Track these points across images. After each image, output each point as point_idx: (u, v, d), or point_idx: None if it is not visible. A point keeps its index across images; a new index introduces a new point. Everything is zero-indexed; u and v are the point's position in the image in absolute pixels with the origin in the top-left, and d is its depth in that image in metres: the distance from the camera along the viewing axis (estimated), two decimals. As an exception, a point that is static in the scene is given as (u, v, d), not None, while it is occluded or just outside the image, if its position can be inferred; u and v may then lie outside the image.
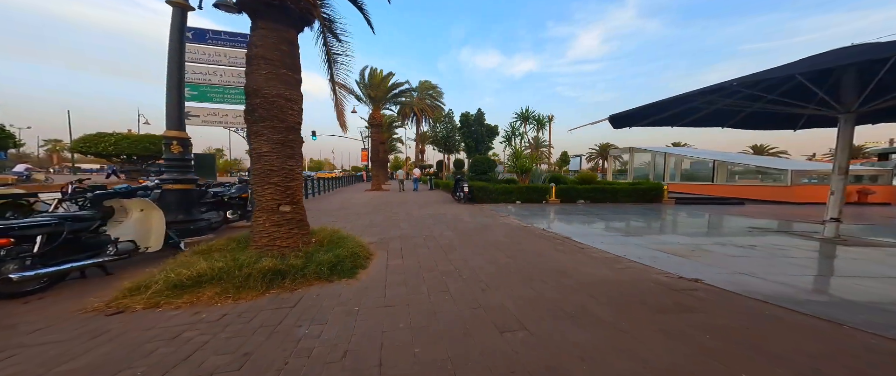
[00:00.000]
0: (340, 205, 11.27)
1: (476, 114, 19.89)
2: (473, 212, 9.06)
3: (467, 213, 8.88)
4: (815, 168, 12.03)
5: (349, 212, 9.30)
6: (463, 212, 9.07)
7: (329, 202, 12.25)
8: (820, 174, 11.52)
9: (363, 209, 9.94)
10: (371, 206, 10.71)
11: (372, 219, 7.71)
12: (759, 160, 13.41)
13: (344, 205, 11.28)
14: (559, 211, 9.52)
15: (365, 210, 9.71)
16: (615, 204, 11.10)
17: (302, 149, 3.92)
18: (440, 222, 7.37)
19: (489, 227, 6.64)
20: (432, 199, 13.47)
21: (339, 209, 9.92)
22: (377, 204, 11.62)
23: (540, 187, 11.51)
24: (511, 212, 9.21)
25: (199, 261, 3.03)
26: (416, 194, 16.65)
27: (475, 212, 9.26)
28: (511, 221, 7.46)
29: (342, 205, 10.98)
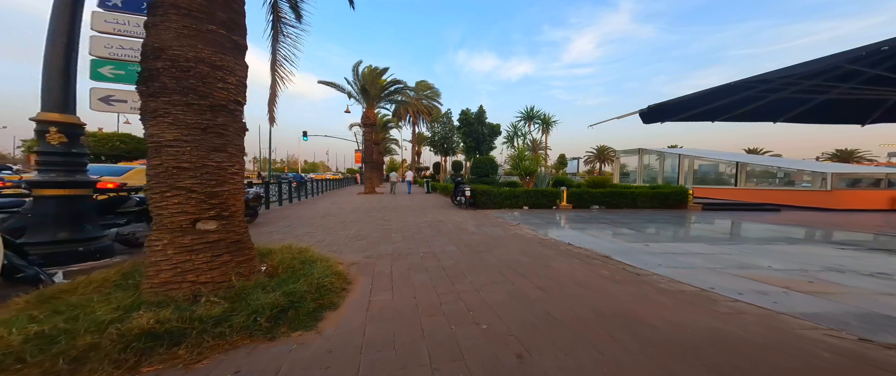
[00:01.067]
0: (326, 211, 10.01)
1: (477, 112, 18.73)
2: (478, 220, 7.88)
3: (471, 221, 7.69)
4: (858, 171, 11.04)
5: (334, 220, 8.06)
6: (465, 220, 7.88)
7: (314, 208, 10.99)
8: (866, 177, 10.54)
9: (351, 216, 8.71)
10: (361, 212, 9.48)
11: (359, 230, 6.49)
12: (789, 163, 12.51)
13: (330, 211, 10.03)
14: (575, 218, 8.37)
15: (353, 217, 8.48)
16: (634, 210, 9.99)
17: (242, 141, 2.71)
18: (440, 232, 6.17)
19: (500, 240, 5.45)
20: (430, 204, 12.27)
21: (322, 216, 8.68)
22: (368, 209, 10.39)
23: (549, 191, 10.39)
24: (520, 219, 8.05)
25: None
26: (412, 198, 15.44)
27: (479, 219, 8.08)
28: (524, 231, 6.28)
29: (328, 212, 9.72)
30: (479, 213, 9.28)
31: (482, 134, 18.00)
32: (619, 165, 21.76)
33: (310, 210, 10.09)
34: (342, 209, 10.41)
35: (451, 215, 8.88)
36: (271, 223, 7.34)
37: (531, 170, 14.75)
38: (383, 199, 14.56)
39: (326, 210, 10.11)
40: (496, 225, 7.13)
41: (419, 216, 8.70)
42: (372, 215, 8.84)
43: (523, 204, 10.46)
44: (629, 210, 9.98)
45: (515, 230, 6.44)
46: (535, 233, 6.03)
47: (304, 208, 10.61)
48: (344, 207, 10.97)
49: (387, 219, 8.17)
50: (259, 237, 5.45)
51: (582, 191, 10.25)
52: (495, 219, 8.13)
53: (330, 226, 6.83)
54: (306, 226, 6.92)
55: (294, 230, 6.36)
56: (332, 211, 9.88)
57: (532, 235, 5.87)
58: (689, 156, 15.35)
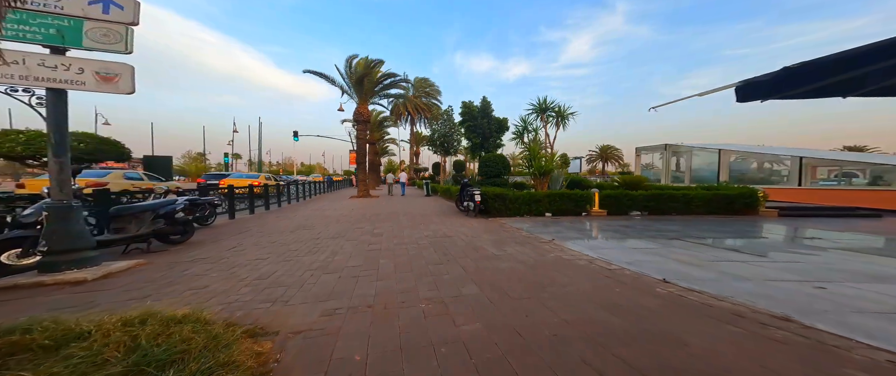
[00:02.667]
0: (303, 221, 8.22)
1: (481, 105, 16.90)
2: (495, 233, 6.10)
3: (486, 235, 5.91)
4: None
5: (309, 233, 6.27)
6: (478, 233, 6.10)
7: (290, 216, 9.19)
8: None
9: (333, 227, 6.92)
10: (348, 222, 7.70)
11: (335, 253, 4.72)
12: (868, 157, 10.73)
13: (309, 221, 8.24)
14: (622, 230, 6.59)
15: (335, 230, 6.69)
16: (688, 217, 8.19)
17: None
18: (448, 256, 4.39)
19: (543, 271, 3.68)
20: (431, 210, 10.51)
21: (295, 229, 6.89)
22: (357, 217, 8.61)
23: (578, 194, 8.61)
24: (549, 231, 6.27)
25: None
26: (409, 202, 13.66)
27: (496, 232, 6.30)
28: (569, 254, 4.50)
29: (305, 222, 7.93)
30: (492, 223, 7.50)
31: (488, 129, 16.14)
32: (640, 164, 20.00)
33: (285, 219, 8.30)
34: (325, 217, 8.63)
35: (459, 226, 7.10)
36: (216, 241, 5.56)
37: (547, 169, 12.96)
38: (378, 204, 12.78)
39: (304, 220, 8.33)
40: (523, 241, 5.34)
41: (419, 227, 6.91)
42: (359, 226, 7.05)
43: (545, 210, 8.69)
44: (682, 217, 8.18)
45: (554, 251, 4.65)
46: (590, 258, 4.24)
47: (280, 217, 8.83)
48: (328, 215, 9.19)
49: (377, 232, 6.38)
50: (168, 271, 3.66)
51: (619, 195, 8.47)
52: (517, 231, 6.35)
53: (295, 248, 5.03)
54: (262, 247, 5.13)
55: (237, 256, 4.57)
56: (310, 221, 8.09)
57: (586, 261, 4.08)
58: (732, 151, 13.58)
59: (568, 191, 8.97)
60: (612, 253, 4.45)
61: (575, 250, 4.63)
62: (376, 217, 8.81)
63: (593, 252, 4.48)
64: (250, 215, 9.20)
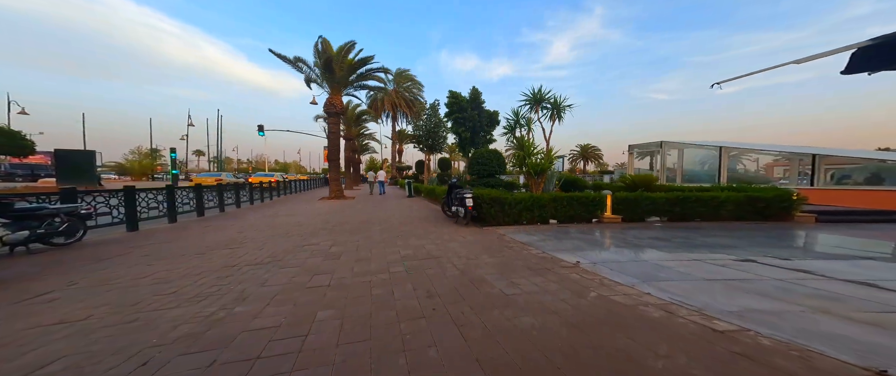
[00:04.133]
0: (237, 234, 6.36)
1: (470, 94, 15.28)
2: (500, 254, 4.55)
3: (488, 258, 4.34)
4: None
5: (230, 255, 4.48)
6: (475, 253, 4.53)
7: (231, 224, 7.28)
8: None
9: (274, 244, 5.14)
10: (300, 235, 5.92)
11: (244, 295, 3.02)
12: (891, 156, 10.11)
13: (247, 233, 6.38)
14: (663, 244, 5.21)
15: (274, 248, 4.92)
16: (716, 223, 6.98)
17: None
18: (437, 305, 2.79)
19: (619, 345, 2.14)
20: (412, 215, 8.86)
21: (218, 246, 5.06)
22: (318, 226, 6.83)
23: (588, 198, 7.23)
24: (566, 247, 4.80)
25: None
26: (389, 205, 11.93)
27: (498, 249, 4.76)
28: (635, 294, 3.00)
29: (238, 236, 6.09)
30: (489, 235, 5.97)
31: (479, 122, 14.55)
32: (633, 163, 19.16)
33: (215, 230, 6.39)
34: (273, 228, 6.79)
35: (447, 240, 5.51)
36: (67, 270, 3.67)
37: (543, 167, 11.58)
38: (350, 208, 10.97)
39: (242, 231, 6.46)
40: (538, 266, 3.82)
41: (395, 243, 5.26)
42: (312, 243, 5.31)
43: (550, 216, 7.26)
44: (709, 224, 6.96)
45: (593, 286, 3.14)
46: (661, 302, 2.75)
47: (213, 226, 6.90)
48: (280, 223, 7.34)
49: (335, 252, 4.68)
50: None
51: (638, 198, 7.15)
52: (524, 248, 4.84)
53: (180, 290, 3.26)
54: (118, 288, 3.32)
55: (43, 310, 2.77)
56: (249, 233, 6.23)
57: (660, 310, 2.58)
58: (734, 149, 12.76)
59: (577, 194, 7.57)
60: (689, 289, 2.97)
61: (624, 284, 3.14)
62: (342, 227, 7.06)
63: (657, 288, 3.00)
64: (170, 224, 7.20)
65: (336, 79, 16.39)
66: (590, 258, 4.16)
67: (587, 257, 4.20)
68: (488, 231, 6.37)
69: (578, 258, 4.15)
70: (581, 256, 4.25)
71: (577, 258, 4.15)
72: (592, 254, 4.37)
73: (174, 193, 7.28)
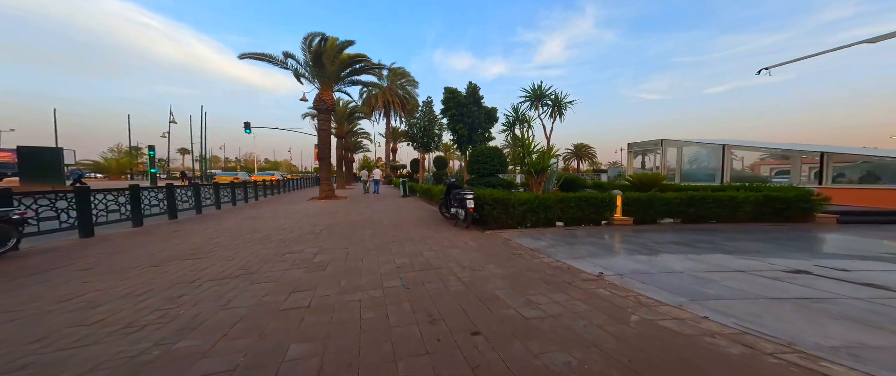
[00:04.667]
0: (207, 240, 5.69)
1: (469, 90, 14.70)
2: (509, 263, 4.00)
3: (496, 268, 3.79)
4: None
5: (192, 268, 3.84)
6: (483, 263, 3.97)
7: (206, 227, 6.59)
8: None
9: (248, 252, 4.51)
10: (280, 241, 5.28)
11: (193, 323, 2.40)
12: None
13: (222, 237, 5.73)
14: (686, 249, 4.73)
15: (248, 257, 4.29)
16: (733, 225, 6.56)
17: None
18: (441, 333, 2.22)
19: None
20: (408, 216, 8.26)
21: (182, 256, 4.41)
22: (304, 230, 6.18)
23: (600, 199, 6.72)
24: (584, 254, 4.28)
25: None
26: (383, 205, 11.30)
27: (510, 260, 4.21)
28: (688, 318, 2.47)
29: (206, 243, 5.43)
30: (493, 239, 5.42)
31: (477, 118, 13.97)
32: (632, 161, 18.87)
33: (190, 235, 5.71)
34: (253, 232, 6.12)
35: (448, 245, 4.94)
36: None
37: (543, 166, 11.10)
38: (340, 209, 10.31)
39: (220, 234, 5.78)
40: (556, 279, 3.27)
41: (388, 250, 4.67)
42: (295, 250, 4.68)
43: (556, 218, 6.75)
44: (725, 225, 6.52)
45: (630, 305, 2.60)
46: (733, 330, 2.22)
47: (191, 230, 6.20)
48: (261, 227, 6.67)
49: (319, 261, 4.08)
50: None
51: (651, 198, 6.68)
52: (535, 255, 4.30)
53: (120, 313, 2.64)
54: (45, 319, 2.68)
55: None
56: (223, 238, 5.57)
57: (735, 343, 2.04)
58: (737, 146, 12.46)
59: (585, 194, 7.07)
60: (755, 312, 2.44)
61: (668, 304, 2.61)
62: (330, 230, 6.44)
63: (713, 310, 2.47)
64: (134, 228, 6.47)
65: (327, 74, 15.68)
66: (613, 268, 3.64)
67: (609, 267, 3.68)
68: (491, 235, 5.83)
69: (600, 268, 3.62)
70: (601, 265, 3.73)
71: (598, 268, 3.63)
72: (614, 263, 3.85)
73: (139, 194, 6.54)
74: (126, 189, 6.39)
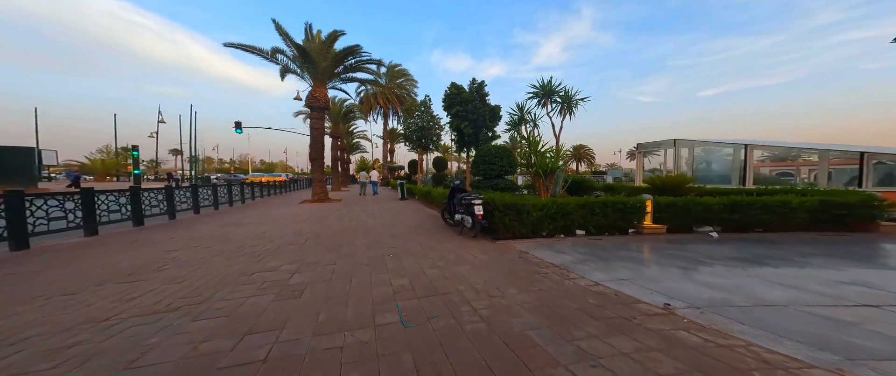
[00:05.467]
0: (162, 254, 4.83)
1: (474, 85, 13.86)
2: (536, 288, 3.18)
3: (521, 294, 2.96)
4: None
5: (126, 293, 2.99)
6: (504, 288, 3.14)
7: (174, 236, 5.73)
8: None
9: (211, 272, 3.66)
10: (252, 255, 4.43)
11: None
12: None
13: (181, 251, 4.86)
14: (752, 265, 3.93)
15: (198, 285, 3.44)
16: (784, 234, 5.76)
17: None
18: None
19: None
20: (407, 223, 7.42)
21: (114, 278, 3.54)
22: (288, 238, 5.32)
23: (629, 204, 5.90)
24: (626, 272, 3.46)
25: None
26: (379, 211, 10.44)
27: (536, 282, 3.39)
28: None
29: (162, 257, 4.57)
30: (506, 251, 4.60)
31: (483, 115, 13.12)
32: (641, 162, 18.12)
33: (146, 246, 4.84)
34: (226, 240, 5.26)
35: (455, 261, 4.11)
36: None
37: (553, 167, 10.31)
38: (333, 213, 9.45)
39: (183, 245, 4.92)
40: (605, 314, 2.45)
41: (386, 266, 3.83)
42: (274, 264, 3.83)
43: (575, 225, 5.93)
44: (776, 235, 5.70)
45: (754, 367, 1.77)
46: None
47: (151, 239, 5.33)
48: (240, 233, 5.81)
49: (298, 285, 3.24)
50: None
51: (688, 203, 5.85)
52: (563, 274, 3.48)
53: None
54: None
55: None
56: (187, 253, 4.70)
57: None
58: (759, 146, 11.72)
59: (609, 198, 6.26)
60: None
61: (815, 365, 1.79)
62: (317, 239, 5.59)
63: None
64: (87, 237, 5.59)
65: (319, 70, 14.86)
66: (678, 295, 2.81)
67: (673, 294, 2.86)
68: (503, 246, 5.00)
69: (661, 296, 2.80)
70: (661, 292, 2.90)
71: (659, 296, 2.80)
72: (677, 288, 3.03)
73: (93, 198, 5.67)
74: (77, 192, 5.51)
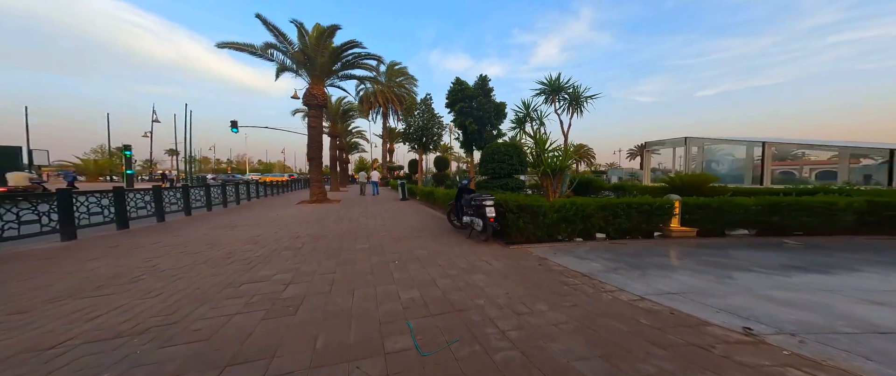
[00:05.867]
0: (140, 263, 4.40)
1: (478, 81, 13.41)
2: (567, 301, 2.75)
3: (555, 312, 2.53)
4: None
5: (84, 313, 2.56)
6: (532, 304, 2.71)
7: (160, 241, 5.30)
8: None
9: (194, 283, 3.22)
10: (249, 260, 4.00)
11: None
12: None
13: (163, 258, 4.43)
14: (820, 275, 3.51)
15: (176, 299, 3.00)
16: (826, 237, 5.33)
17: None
18: None
19: None
20: (410, 224, 6.98)
21: (76, 293, 3.10)
22: (283, 242, 4.89)
23: (655, 206, 5.46)
24: (678, 287, 3.04)
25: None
26: (379, 213, 10.01)
27: (566, 297, 2.96)
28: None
29: (140, 266, 4.14)
30: (523, 257, 4.18)
31: (488, 112, 12.66)
32: (649, 161, 17.72)
33: (126, 254, 4.41)
34: (216, 245, 4.82)
35: (468, 270, 3.68)
36: None
37: (562, 166, 9.90)
38: (331, 215, 9.02)
39: (167, 251, 4.48)
40: (671, 340, 2.04)
41: (391, 275, 3.40)
42: (266, 273, 3.40)
43: (595, 228, 5.50)
44: (820, 238, 5.27)
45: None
46: None
47: (135, 244, 4.89)
48: (232, 237, 5.37)
49: (293, 298, 2.81)
50: None
51: (723, 204, 5.40)
52: (597, 287, 3.06)
53: None
54: None
55: None
56: (170, 259, 4.26)
57: None
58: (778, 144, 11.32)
59: (632, 199, 5.83)
60: None
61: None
62: (315, 244, 5.15)
63: None
64: (63, 242, 5.15)
65: (317, 67, 14.42)
66: (753, 315, 2.38)
67: (744, 312, 2.43)
68: (518, 252, 4.58)
69: (728, 315, 2.37)
70: (724, 308, 2.47)
71: (726, 315, 2.37)
72: (744, 305, 2.59)
73: (71, 200, 5.22)
74: (53, 194, 5.07)
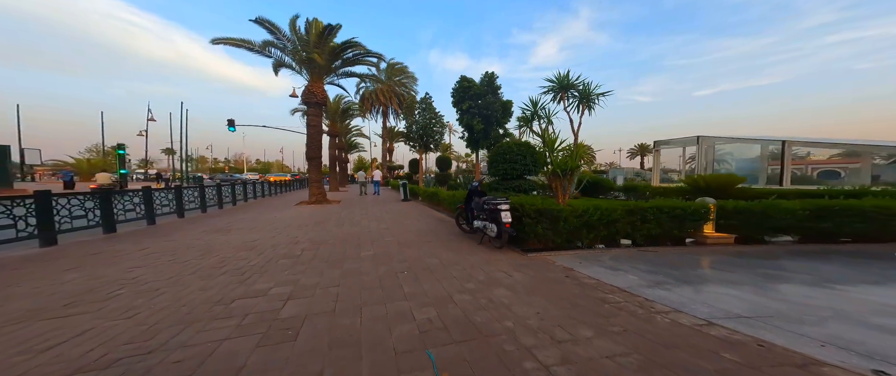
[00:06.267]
0: (120, 275, 4.00)
1: (485, 78, 12.98)
2: (616, 325, 2.35)
3: (603, 340, 2.13)
4: None
5: (43, 339, 2.16)
6: (571, 325, 2.31)
7: (147, 247, 4.90)
8: None
9: (180, 301, 2.82)
10: (243, 271, 3.61)
11: None
12: None
13: (147, 269, 4.04)
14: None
15: (153, 322, 2.60)
16: (881, 245, 4.91)
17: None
18: None
19: None
20: (416, 228, 6.58)
21: (34, 315, 2.70)
22: (281, 249, 4.51)
23: (687, 209, 5.05)
24: (726, 300, 2.64)
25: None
26: (381, 214, 9.61)
27: (606, 313, 2.57)
28: None
29: (120, 279, 3.74)
30: (546, 267, 3.79)
31: (495, 110, 12.24)
32: (658, 161, 17.31)
33: (108, 263, 4.03)
34: (208, 252, 4.43)
35: (488, 283, 3.28)
36: None
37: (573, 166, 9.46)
38: (334, 216, 8.61)
39: (152, 260, 4.09)
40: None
41: (401, 289, 3.00)
42: (262, 287, 3.01)
43: (621, 234, 5.11)
44: (873, 246, 4.85)
45: None
46: None
47: (119, 250, 4.50)
48: (227, 242, 4.98)
49: (292, 318, 2.41)
50: None
51: (767, 208, 4.96)
52: (644, 305, 2.68)
53: None
54: None
55: None
56: (154, 270, 3.87)
57: None
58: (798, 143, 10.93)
59: (661, 201, 5.42)
60: None
61: None
62: (316, 250, 4.76)
63: None
64: (42, 248, 4.75)
65: (316, 64, 14.00)
66: (875, 352, 1.98)
67: (860, 347, 2.03)
68: (539, 260, 4.19)
69: (842, 351, 1.98)
70: (826, 340, 2.08)
71: (839, 350, 1.98)
72: (852, 335, 2.18)
73: (50, 202, 4.83)
74: (29, 196, 4.67)
